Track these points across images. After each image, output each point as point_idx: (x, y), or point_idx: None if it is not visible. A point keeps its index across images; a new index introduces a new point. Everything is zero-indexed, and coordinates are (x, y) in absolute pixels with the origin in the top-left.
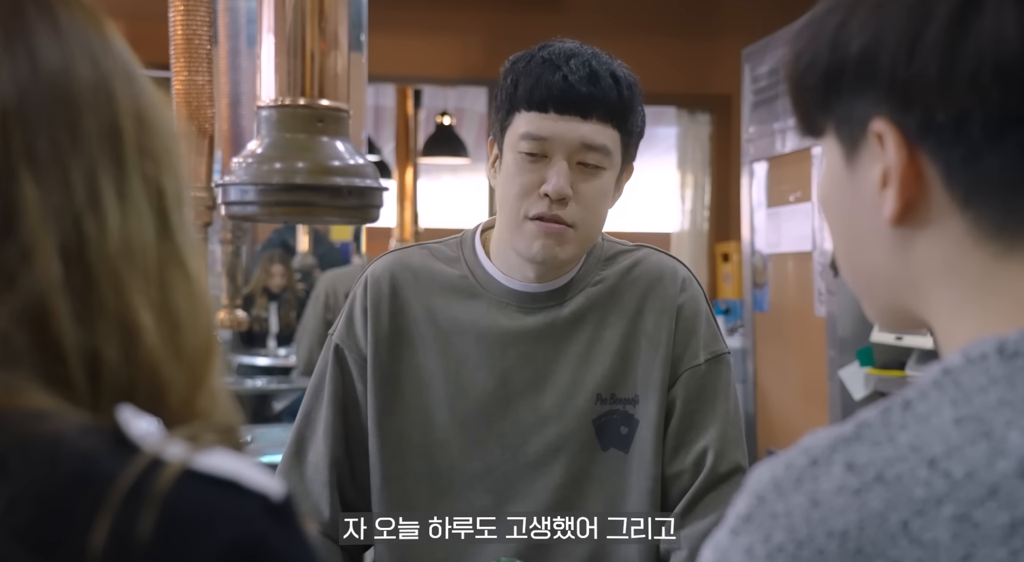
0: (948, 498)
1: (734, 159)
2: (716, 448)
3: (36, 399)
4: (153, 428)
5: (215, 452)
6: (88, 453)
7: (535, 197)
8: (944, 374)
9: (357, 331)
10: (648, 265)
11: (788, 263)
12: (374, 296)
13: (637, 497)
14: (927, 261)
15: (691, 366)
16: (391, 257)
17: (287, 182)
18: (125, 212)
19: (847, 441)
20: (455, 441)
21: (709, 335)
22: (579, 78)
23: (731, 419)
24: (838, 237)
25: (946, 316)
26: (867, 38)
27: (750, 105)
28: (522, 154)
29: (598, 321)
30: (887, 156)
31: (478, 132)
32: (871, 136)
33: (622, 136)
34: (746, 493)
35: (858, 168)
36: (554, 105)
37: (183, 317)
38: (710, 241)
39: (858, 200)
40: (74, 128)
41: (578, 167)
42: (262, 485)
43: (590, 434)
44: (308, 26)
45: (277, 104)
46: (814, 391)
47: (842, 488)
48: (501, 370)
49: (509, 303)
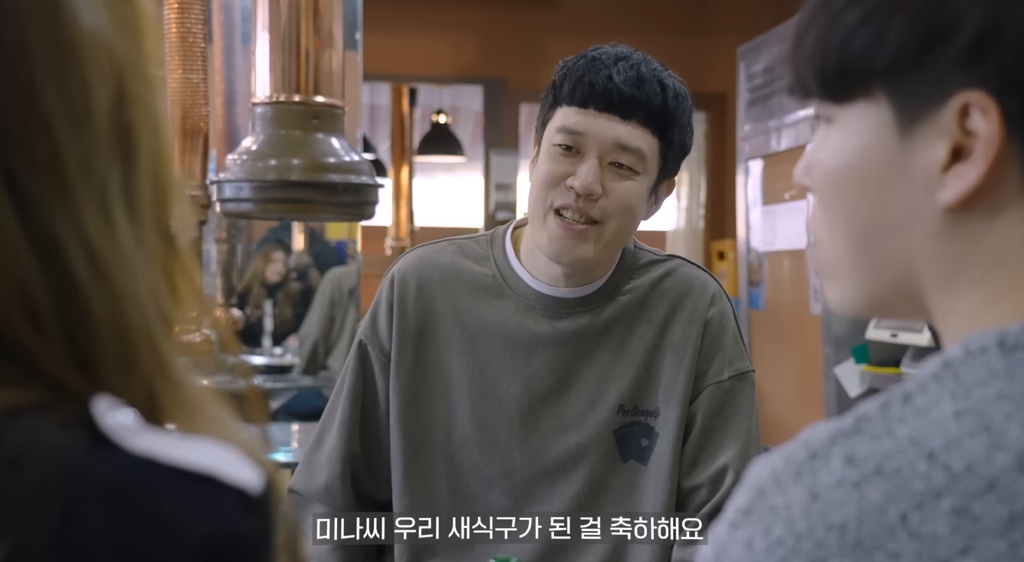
0: (947, 491)
1: (729, 157)
2: (736, 468)
3: (7, 395)
4: (129, 419)
5: (193, 440)
6: (60, 452)
7: (562, 188)
8: (944, 367)
9: (381, 328)
10: (679, 277)
11: (784, 261)
12: (400, 293)
13: (653, 510)
14: (975, 247)
15: (714, 381)
16: (419, 253)
17: (282, 179)
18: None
19: (846, 434)
20: (476, 442)
21: (735, 352)
22: (624, 79)
23: (753, 439)
24: (847, 217)
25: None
26: (985, 11)
27: (745, 103)
28: (555, 146)
29: (625, 331)
30: (975, 132)
31: (473, 130)
32: (948, 109)
33: (662, 145)
34: (745, 487)
35: (914, 142)
36: (594, 102)
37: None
38: (706, 239)
39: (902, 176)
40: None
41: (610, 167)
42: (239, 479)
43: (611, 444)
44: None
45: (272, 101)
46: (810, 388)
47: (841, 481)
48: (525, 375)
49: (536, 307)
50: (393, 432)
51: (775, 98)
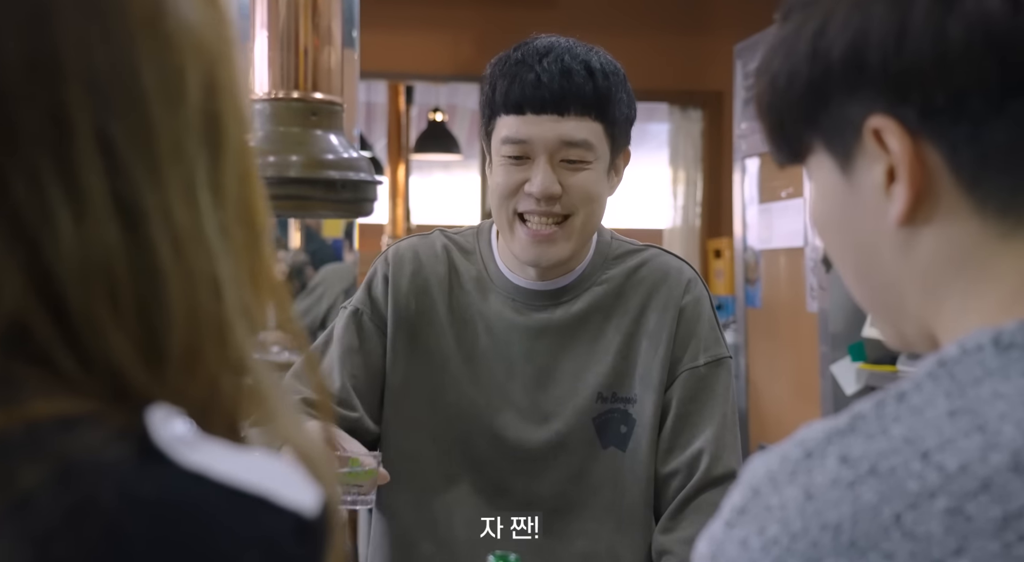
0: (941, 491)
1: (726, 155)
2: (711, 451)
3: (58, 403)
4: (184, 430)
5: (250, 455)
6: (111, 466)
7: (521, 194)
8: (939, 365)
9: (378, 299)
10: (654, 265)
11: (780, 259)
12: (396, 272)
13: (633, 496)
14: (936, 254)
15: (690, 367)
16: (414, 240)
17: (281, 175)
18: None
19: (841, 433)
20: (460, 426)
21: (711, 338)
22: (551, 76)
23: (728, 424)
24: (845, 259)
25: (952, 311)
26: (850, 37)
27: (742, 101)
28: (505, 157)
29: (602, 320)
30: (891, 151)
31: (470, 128)
32: (867, 137)
33: (605, 126)
34: (741, 485)
35: (856, 175)
36: (529, 106)
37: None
38: (702, 237)
39: (860, 209)
40: None
41: (562, 164)
42: (295, 501)
43: (591, 432)
44: (301, 21)
45: (270, 97)
46: (806, 386)
47: (836, 481)
48: (507, 365)
49: (515, 299)
50: (386, 408)
51: None
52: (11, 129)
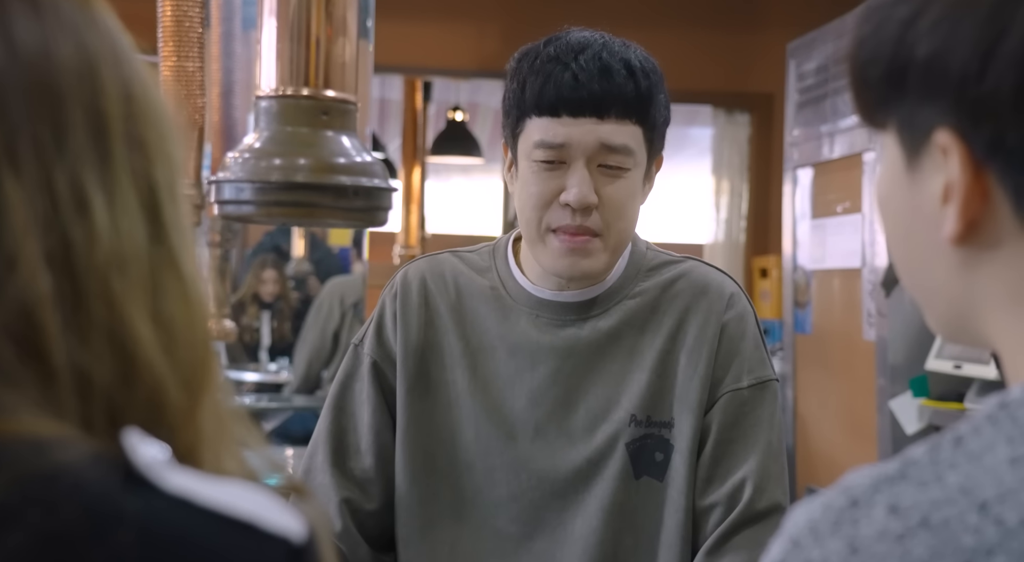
0: (1000, 548)
1: (775, 164)
2: (755, 482)
3: (33, 424)
4: (161, 454)
5: (230, 484)
6: (92, 490)
7: (556, 207)
8: (1000, 408)
9: (388, 341)
10: (693, 278)
11: (834, 280)
12: (403, 304)
13: (670, 531)
14: (991, 285)
15: (732, 389)
16: (421, 264)
17: (287, 180)
18: (114, 214)
19: (891, 480)
20: (480, 465)
21: (756, 358)
22: (590, 75)
23: (773, 452)
24: (896, 244)
25: (1012, 344)
26: (938, 42)
27: (795, 105)
28: (538, 163)
29: (635, 336)
30: (949, 171)
31: (493, 129)
32: (935, 147)
33: (644, 131)
34: (781, 537)
35: (919, 176)
36: (566, 108)
37: (178, 326)
38: (747, 254)
39: (918, 211)
40: (57, 121)
41: (599, 170)
42: (283, 527)
43: (624, 460)
44: (314, 9)
45: (278, 94)
46: (861, 423)
47: (884, 533)
48: (530, 389)
49: (540, 315)
50: (399, 451)
51: (828, 100)
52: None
